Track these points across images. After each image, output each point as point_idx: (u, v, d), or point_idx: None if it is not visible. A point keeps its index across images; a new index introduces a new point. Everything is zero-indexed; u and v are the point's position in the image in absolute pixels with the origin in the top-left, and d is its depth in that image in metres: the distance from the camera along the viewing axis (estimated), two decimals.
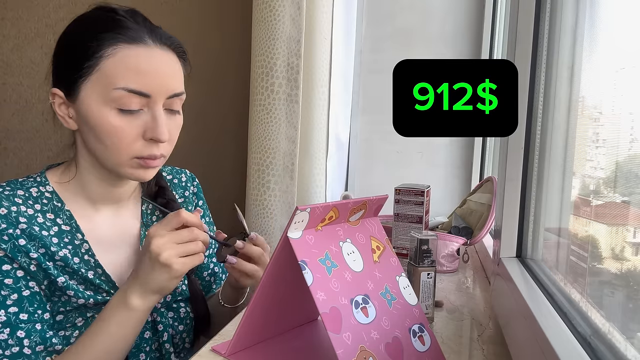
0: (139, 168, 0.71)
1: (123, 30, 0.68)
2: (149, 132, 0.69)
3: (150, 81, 0.68)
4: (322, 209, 0.57)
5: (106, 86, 0.67)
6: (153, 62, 0.69)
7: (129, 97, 0.67)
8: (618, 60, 0.52)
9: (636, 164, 0.47)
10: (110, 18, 0.70)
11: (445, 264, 1.11)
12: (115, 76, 0.67)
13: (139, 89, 0.67)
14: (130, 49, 0.68)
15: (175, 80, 0.72)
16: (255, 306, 0.60)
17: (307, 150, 1.27)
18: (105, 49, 0.67)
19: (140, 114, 0.69)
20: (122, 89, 0.66)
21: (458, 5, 1.56)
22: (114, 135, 0.68)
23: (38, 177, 0.76)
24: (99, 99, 0.67)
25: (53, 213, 0.73)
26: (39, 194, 0.73)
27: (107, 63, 0.67)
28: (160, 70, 0.69)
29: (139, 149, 0.70)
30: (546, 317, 0.51)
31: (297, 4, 1.15)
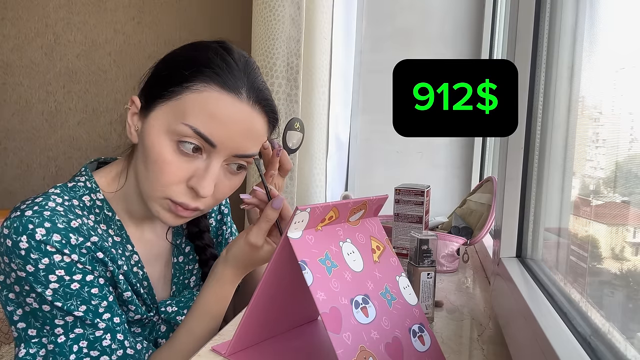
0: (168, 211, 0.67)
1: (223, 73, 0.65)
2: (194, 180, 0.65)
3: (222, 132, 0.64)
4: (322, 209, 0.57)
5: (177, 117, 0.64)
6: (235, 115, 0.65)
7: (192, 138, 0.63)
8: (618, 60, 0.52)
9: (636, 164, 0.47)
10: (220, 56, 0.67)
11: (445, 264, 1.11)
12: (190, 112, 0.63)
13: (207, 134, 0.63)
14: (220, 93, 0.64)
15: (250, 141, 0.68)
16: (255, 306, 0.60)
17: (307, 150, 1.27)
18: (195, 82, 0.64)
19: (196, 159, 0.65)
20: (190, 127, 0.63)
21: (458, 5, 1.56)
22: (159, 168, 0.64)
23: (87, 181, 0.72)
24: (164, 126, 0.64)
25: (105, 224, 0.71)
26: (92, 203, 0.70)
27: (190, 97, 0.64)
28: (238, 126, 0.65)
29: (177, 192, 0.66)
30: (546, 317, 0.51)
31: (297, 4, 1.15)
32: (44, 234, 0.61)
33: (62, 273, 0.62)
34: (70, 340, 0.64)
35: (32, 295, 0.62)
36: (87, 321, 0.64)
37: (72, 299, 0.63)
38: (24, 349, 0.63)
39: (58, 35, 1.76)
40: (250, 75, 0.68)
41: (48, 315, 0.63)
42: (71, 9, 1.74)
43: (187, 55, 0.68)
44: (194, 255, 0.85)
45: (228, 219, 0.95)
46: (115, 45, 1.73)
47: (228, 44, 0.70)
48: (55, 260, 0.62)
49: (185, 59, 0.67)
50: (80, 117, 1.78)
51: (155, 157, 0.64)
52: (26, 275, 0.61)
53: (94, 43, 1.74)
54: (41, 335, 0.64)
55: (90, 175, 0.73)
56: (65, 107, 1.78)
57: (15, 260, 0.61)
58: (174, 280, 0.82)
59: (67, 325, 0.64)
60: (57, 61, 1.77)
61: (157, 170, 0.64)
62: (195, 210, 0.68)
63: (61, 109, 1.79)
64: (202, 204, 0.68)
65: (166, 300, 0.79)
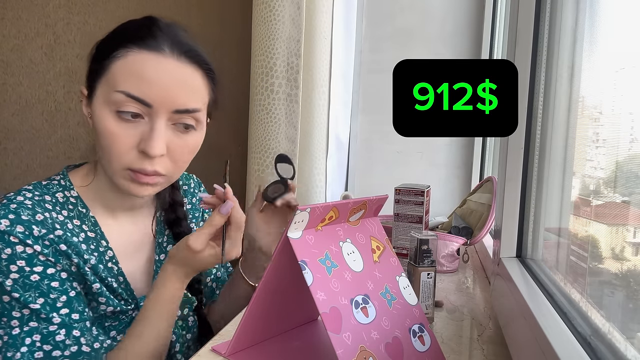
0: (131, 182, 0.68)
1: (144, 35, 0.66)
2: (142, 143, 0.65)
3: (153, 90, 0.64)
4: (322, 209, 0.57)
5: (110, 87, 0.65)
6: (161, 71, 0.65)
7: (127, 103, 0.64)
8: (618, 60, 0.52)
9: (636, 164, 0.47)
10: (143, 25, 0.68)
11: (445, 264, 1.11)
12: (119, 78, 0.64)
13: (139, 95, 0.64)
14: (142, 54, 0.65)
15: (186, 95, 0.67)
16: (256, 306, 0.60)
17: (307, 150, 1.27)
18: (118, 50, 0.65)
19: (139, 124, 0.66)
20: (122, 93, 0.64)
21: (458, 5, 1.56)
22: (109, 141, 0.65)
23: (62, 179, 0.73)
24: (103, 100, 0.66)
25: (79, 219, 0.71)
26: (65, 199, 0.71)
27: (117, 65, 0.65)
28: (168, 81, 0.65)
29: (131, 160, 0.66)
30: (546, 317, 0.51)
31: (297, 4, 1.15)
32: (8, 225, 0.62)
33: (23, 264, 0.63)
34: (23, 332, 0.64)
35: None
36: (42, 315, 0.64)
37: (31, 290, 0.64)
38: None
39: (58, 35, 1.76)
40: (172, 32, 0.69)
41: (6, 306, 0.63)
42: (71, 9, 1.74)
43: (112, 32, 0.70)
44: None
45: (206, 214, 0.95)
46: None
47: (154, 16, 0.71)
48: (17, 251, 0.63)
49: (110, 35, 0.69)
50: (80, 117, 1.78)
51: (102, 131, 0.65)
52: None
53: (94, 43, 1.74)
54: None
55: (65, 174, 0.74)
56: (65, 107, 1.78)
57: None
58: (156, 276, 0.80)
59: (22, 318, 0.64)
60: (57, 61, 1.77)
61: (108, 144, 0.65)
62: (155, 174, 0.67)
63: (61, 109, 1.78)
64: (160, 167, 0.67)
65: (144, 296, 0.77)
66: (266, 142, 1.17)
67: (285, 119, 1.17)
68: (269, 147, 1.18)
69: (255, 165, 1.19)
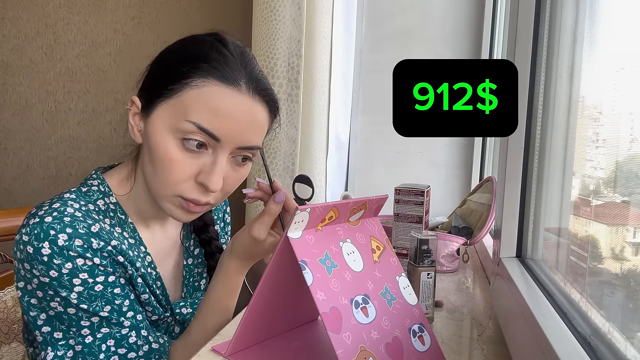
0: (179, 208, 0.68)
1: (221, 66, 0.64)
2: (202, 175, 0.65)
3: (225, 126, 0.64)
4: (322, 209, 0.57)
5: (179, 115, 0.63)
6: (237, 108, 0.65)
7: (196, 134, 0.63)
8: (618, 60, 0.52)
9: (636, 164, 0.47)
10: (216, 49, 0.66)
11: (445, 264, 1.11)
12: (192, 108, 0.63)
13: (210, 129, 0.63)
14: (219, 87, 0.64)
15: (253, 132, 0.68)
16: (256, 306, 0.60)
17: (307, 150, 1.27)
18: (194, 78, 0.64)
19: (202, 155, 0.65)
20: (193, 123, 0.63)
21: (458, 5, 1.56)
22: (167, 167, 0.64)
23: (100, 185, 0.72)
24: (168, 124, 0.64)
25: (120, 227, 0.71)
26: (106, 207, 0.71)
27: (190, 93, 0.63)
28: (241, 119, 0.65)
29: (187, 189, 0.66)
30: (546, 317, 0.51)
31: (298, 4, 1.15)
32: (66, 239, 0.61)
33: (86, 276, 0.63)
34: (98, 340, 0.65)
35: (57, 299, 0.62)
36: (112, 320, 0.65)
37: (97, 300, 0.64)
38: (51, 352, 0.64)
39: (58, 35, 1.76)
40: (247, 65, 0.67)
41: (74, 318, 0.64)
42: (71, 9, 1.74)
43: (183, 51, 0.68)
44: (202, 259, 0.86)
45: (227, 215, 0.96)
46: (115, 45, 1.73)
47: (222, 35, 0.69)
48: (79, 264, 0.62)
49: (182, 55, 0.67)
50: (80, 117, 1.78)
51: (162, 156, 0.64)
52: (50, 280, 0.61)
53: (94, 43, 1.74)
54: (68, 337, 0.64)
55: (102, 179, 0.73)
56: (65, 107, 1.78)
57: (38, 267, 0.61)
58: (185, 282, 0.82)
59: (93, 326, 0.65)
60: (57, 61, 1.77)
61: (165, 169, 0.64)
62: (206, 205, 0.68)
63: (61, 109, 1.79)
64: (212, 199, 0.68)
65: (180, 302, 0.79)
66: (267, 142, 1.17)
67: (285, 119, 1.17)
68: (270, 147, 1.18)
69: (255, 165, 1.19)
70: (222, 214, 0.94)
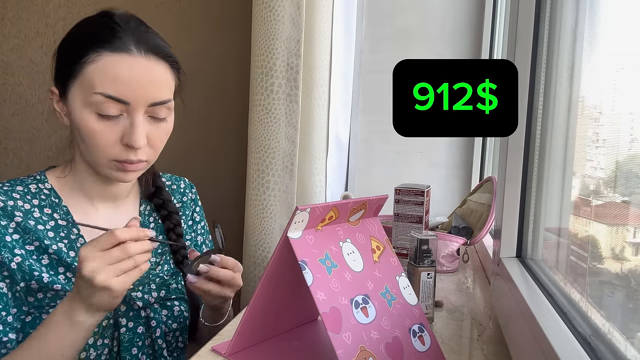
0: (117, 171, 0.74)
1: (110, 38, 0.70)
2: (125, 137, 0.71)
3: (129, 89, 0.70)
4: (322, 209, 0.57)
5: (87, 90, 0.69)
6: (134, 71, 0.70)
7: (107, 103, 0.69)
8: (618, 60, 0.52)
9: (636, 164, 0.47)
10: (103, 25, 0.72)
11: (445, 264, 1.11)
12: (95, 82, 0.69)
13: (117, 95, 0.69)
14: (113, 57, 0.70)
15: (158, 89, 0.73)
16: (255, 306, 0.60)
17: (307, 150, 1.27)
18: (89, 55, 0.69)
19: (120, 120, 0.71)
20: (101, 94, 0.69)
21: (458, 5, 1.56)
22: (92, 138, 0.71)
23: (38, 175, 0.80)
24: (81, 101, 0.70)
25: (50, 208, 0.76)
26: (38, 190, 0.77)
27: (90, 69, 0.69)
28: (141, 79, 0.71)
29: (117, 153, 0.72)
30: (546, 317, 0.51)
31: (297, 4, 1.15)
32: None
33: None
34: None
35: None
36: None
37: None
38: None
39: (58, 35, 1.75)
40: (134, 30, 0.73)
41: None
42: (71, 9, 1.74)
43: (76, 34, 0.74)
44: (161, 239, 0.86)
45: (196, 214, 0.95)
46: None
47: (110, 11, 0.75)
48: None
49: (75, 38, 0.73)
50: None
51: (85, 129, 0.70)
52: None
53: None
54: None
55: (43, 171, 0.81)
56: None
57: None
58: None
59: None
60: None
61: (92, 141, 0.71)
62: (139, 162, 0.74)
63: None
64: (143, 155, 0.74)
65: None
66: (266, 142, 1.17)
67: (285, 119, 1.17)
68: (269, 147, 1.18)
69: (254, 165, 1.19)
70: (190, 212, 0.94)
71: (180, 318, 0.83)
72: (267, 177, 1.17)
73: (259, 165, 1.19)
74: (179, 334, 0.83)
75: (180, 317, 0.83)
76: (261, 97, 1.17)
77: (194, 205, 0.95)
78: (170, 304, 0.83)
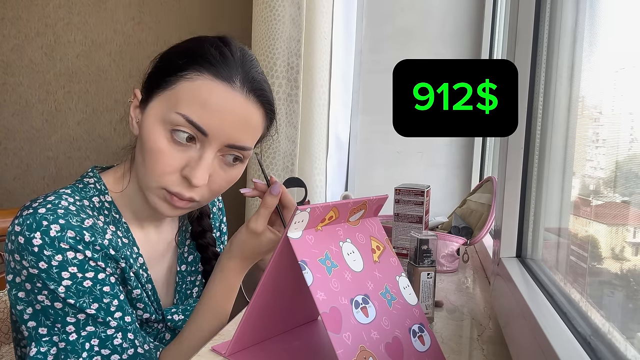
0: (164, 201, 0.67)
1: (217, 62, 0.65)
2: (187, 169, 0.65)
3: (213, 120, 0.64)
4: (322, 209, 0.57)
5: (171, 106, 0.64)
6: (227, 104, 0.65)
7: (184, 126, 0.64)
8: (618, 60, 0.52)
9: (636, 164, 0.47)
10: (216, 46, 0.67)
11: (445, 264, 1.11)
12: (183, 100, 0.64)
13: (198, 122, 0.63)
14: (212, 82, 0.64)
15: (244, 132, 0.67)
16: (256, 306, 0.60)
17: (307, 150, 1.27)
18: (189, 71, 0.64)
19: (190, 149, 0.65)
20: (182, 115, 0.63)
21: (458, 5, 1.56)
22: (154, 158, 0.65)
23: (97, 183, 0.72)
24: (159, 115, 0.65)
25: (114, 225, 0.71)
26: (101, 204, 0.71)
27: (184, 86, 0.64)
28: (231, 116, 0.65)
29: (171, 181, 0.66)
30: (546, 317, 0.51)
31: (297, 4, 1.15)
32: (58, 230, 0.61)
33: (75, 270, 0.62)
34: (82, 337, 0.64)
35: (44, 292, 0.62)
36: (99, 319, 0.64)
37: (85, 296, 0.63)
38: (34, 348, 0.63)
39: (58, 35, 1.76)
40: (245, 65, 0.67)
41: (60, 313, 0.63)
42: (71, 9, 1.74)
43: (185, 47, 0.69)
44: (196, 267, 0.85)
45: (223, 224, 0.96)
46: (115, 45, 1.73)
47: (228, 38, 0.70)
48: (69, 257, 0.62)
49: (182, 50, 0.68)
50: (80, 117, 1.78)
51: (151, 146, 0.65)
52: (39, 272, 0.61)
53: (94, 43, 1.74)
54: (52, 333, 0.64)
55: (99, 177, 0.73)
56: (65, 107, 1.78)
57: (28, 257, 0.60)
58: (177, 288, 0.81)
59: (78, 323, 0.64)
60: (57, 61, 1.77)
61: (153, 160, 0.65)
62: (190, 200, 0.67)
63: (61, 109, 1.78)
64: (196, 195, 0.67)
65: (171, 308, 0.78)
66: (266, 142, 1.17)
67: (285, 119, 1.17)
68: (269, 147, 1.18)
69: (254, 165, 1.19)
70: (219, 223, 0.94)
71: None
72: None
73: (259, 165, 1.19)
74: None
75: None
76: None
77: (221, 215, 0.95)
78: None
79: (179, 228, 0.83)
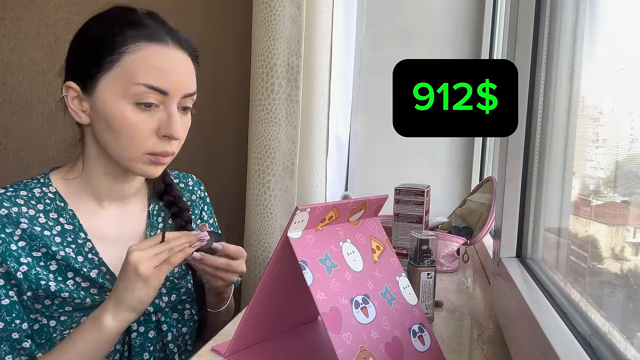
0: (150, 164, 0.73)
1: (145, 28, 0.71)
2: (163, 128, 0.71)
3: (168, 79, 0.70)
4: (322, 209, 0.57)
5: (126, 81, 0.69)
6: (172, 61, 0.72)
7: (147, 93, 0.69)
8: (618, 60, 0.52)
9: (636, 164, 0.47)
10: (130, 16, 0.72)
11: (445, 264, 1.11)
12: (136, 72, 0.69)
13: (158, 85, 0.69)
14: (152, 47, 0.70)
15: (190, 81, 0.74)
16: (255, 306, 0.60)
17: (307, 150, 1.27)
18: (128, 45, 0.69)
19: (156, 111, 0.71)
20: (142, 85, 0.68)
21: (458, 5, 1.56)
22: (129, 130, 0.69)
23: (42, 178, 0.77)
24: (118, 93, 0.69)
25: (56, 213, 0.74)
26: (42, 194, 0.75)
27: (129, 59, 0.69)
28: (178, 70, 0.72)
29: (153, 145, 0.71)
30: (546, 317, 0.51)
31: (297, 4, 1.15)
32: None
33: None
34: None
35: None
36: None
37: None
38: None
39: (58, 35, 1.76)
40: (163, 22, 0.74)
41: None
42: (71, 9, 1.74)
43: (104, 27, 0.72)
44: None
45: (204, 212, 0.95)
46: None
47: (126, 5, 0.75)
48: None
49: (105, 30, 0.71)
50: None
51: (121, 122, 0.69)
52: None
53: None
54: None
55: (46, 173, 0.79)
56: None
57: None
58: None
59: None
60: (57, 61, 1.77)
61: (129, 133, 0.70)
62: (172, 155, 0.74)
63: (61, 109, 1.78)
64: (175, 148, 0.74)
65: None
66: (266, 142, 1.17)
67: (285, 118, 1.17)
68: (269, 147, 1.18)
69: (255, 165, 1.19)
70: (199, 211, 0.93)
71: (190, 322, 0.83)
72: (268, 177, 1.17)
73: (259, 165, 1.19)
74: (188, 337, 0.83)
75: (190, 320, 0.83)
76: (261, 97, 1.17)
77: (202, 203, 0.94)
78: (181, 307, 0.82)
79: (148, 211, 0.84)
